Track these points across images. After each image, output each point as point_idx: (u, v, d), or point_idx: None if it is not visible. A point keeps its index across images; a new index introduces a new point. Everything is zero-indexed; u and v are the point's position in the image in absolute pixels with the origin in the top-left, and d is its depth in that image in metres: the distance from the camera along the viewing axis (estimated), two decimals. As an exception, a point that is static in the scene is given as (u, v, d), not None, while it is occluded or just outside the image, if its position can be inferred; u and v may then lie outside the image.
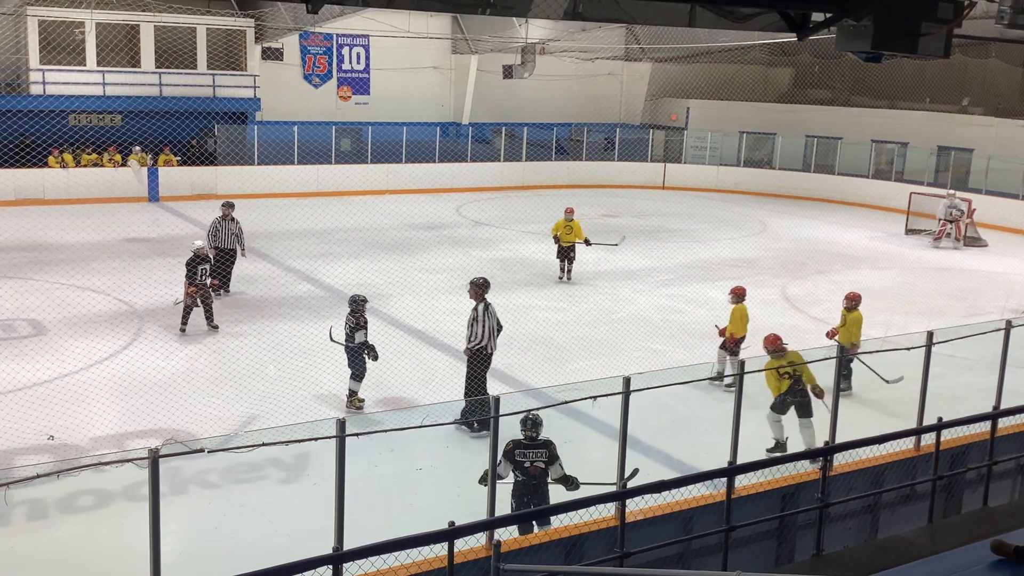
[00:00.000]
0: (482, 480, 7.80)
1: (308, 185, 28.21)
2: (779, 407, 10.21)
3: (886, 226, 27.18)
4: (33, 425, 10.29)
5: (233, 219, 16.51)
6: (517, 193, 31.26)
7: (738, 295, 12.83)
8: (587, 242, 18.30)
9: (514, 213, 26.56)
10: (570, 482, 7.88)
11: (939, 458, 8.54)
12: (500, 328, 11.23)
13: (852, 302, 12.63)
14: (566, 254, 18.46)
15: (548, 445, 7.85)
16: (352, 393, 11.43)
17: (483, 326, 10.96)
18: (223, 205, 16.74)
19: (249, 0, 28.61)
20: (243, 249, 16.73)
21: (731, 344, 12.61)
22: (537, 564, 6.90)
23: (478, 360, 11.05)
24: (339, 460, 6.30)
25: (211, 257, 14.40)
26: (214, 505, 9.02)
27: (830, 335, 12.79)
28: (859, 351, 11.91)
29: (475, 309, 11.08)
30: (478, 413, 10.69)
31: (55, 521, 8.61)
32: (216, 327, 14.47)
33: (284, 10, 26.76)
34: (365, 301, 11.57)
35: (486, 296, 11.17)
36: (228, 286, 16.64)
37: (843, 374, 12.37)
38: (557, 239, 18.47)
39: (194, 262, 14.22)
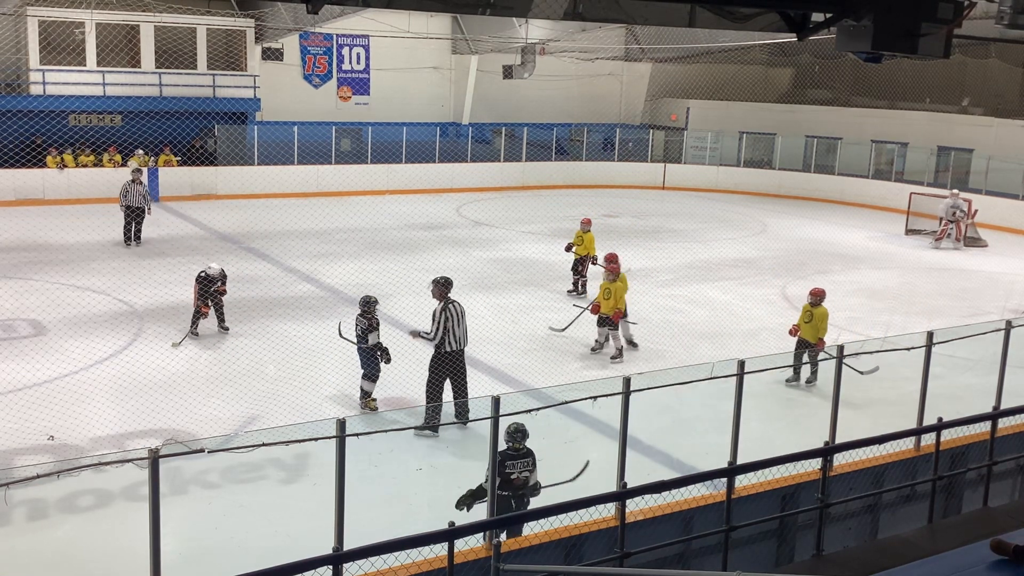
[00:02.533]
0: (459, 505, 7.54)
1: (308, 185, 28.19)
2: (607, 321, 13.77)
3: (886, 226, 27.18)
4: (33, 425, 10.29)
5: (141, 183, 20.21)
6: (517, 193, 31.26)
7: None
8: (594, 260, 17.45)
9: (514, 213, 26.55)
10: (535, 488, 7.84)
11: (939, 458, 8.54)
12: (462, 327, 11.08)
13: (817, 297, 12.82)
14: (577, 267, 17.74)
15: (532, 454, 7.83)
16: (366, 394, 11.44)
17: (440, 326, 10.96)
18: (133, 171, 20.39)
19: (249, 0, 28.61)
20: (149, 207, 20.29)
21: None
22: (537, 564, 6.89)
23: (434, 362, 11.06)
24: (339, 460, 6.29)
25: (224, 282, 14.52)
26: (214, 505, 9.02)
27: (792, 332, 12.92)
28: (826, 345, 12.20)
29: (435, 310, 11.09)
30: (428, 419, 10.70)
31: (55, 521, 8.61)
32: (227, 329, 14.46)
33: (284, 10, 26.75)
34: (376, 302, 11.55)
35: (449, 295, 11.15)
36: (140, 238, 20.19)
37: (813, 369, 12.61)
38: (570, 246, 17.91)
39: (206, 281, 14.22)
